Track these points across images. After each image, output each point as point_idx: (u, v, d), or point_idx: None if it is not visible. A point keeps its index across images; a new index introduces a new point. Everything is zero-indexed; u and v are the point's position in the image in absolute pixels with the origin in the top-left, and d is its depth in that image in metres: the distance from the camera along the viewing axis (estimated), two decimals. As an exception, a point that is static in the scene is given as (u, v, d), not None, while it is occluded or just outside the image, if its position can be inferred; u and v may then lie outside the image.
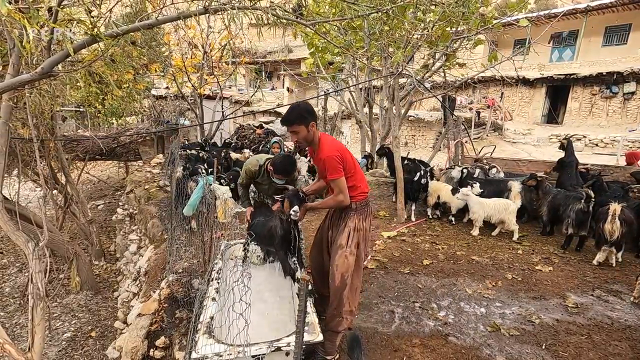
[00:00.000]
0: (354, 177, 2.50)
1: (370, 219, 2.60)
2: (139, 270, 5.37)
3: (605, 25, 16.46)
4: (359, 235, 2.50)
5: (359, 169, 2.60)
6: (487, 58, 6.00)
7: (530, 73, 16.70)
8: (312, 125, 2.37)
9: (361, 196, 2.52)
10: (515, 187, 5.03)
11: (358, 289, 2.62)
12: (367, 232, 2.58)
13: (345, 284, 2.45)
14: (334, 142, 2.53)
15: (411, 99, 6.70)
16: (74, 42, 1.54)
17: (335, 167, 2.37)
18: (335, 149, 2.42)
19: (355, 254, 2.49)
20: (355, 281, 2.55)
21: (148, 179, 8.08)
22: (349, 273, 2.46)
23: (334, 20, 2.22)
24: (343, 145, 2.58)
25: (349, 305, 2.50)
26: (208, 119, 10.27)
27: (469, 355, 2.65)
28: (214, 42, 9.31)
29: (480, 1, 5.42)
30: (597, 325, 3.02)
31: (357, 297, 2.61)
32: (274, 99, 20.68)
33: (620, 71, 14.07)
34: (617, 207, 3.84)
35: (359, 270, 2.56)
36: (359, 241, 2.51)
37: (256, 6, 1.65)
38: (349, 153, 2.53)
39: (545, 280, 3.81)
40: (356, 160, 2.62)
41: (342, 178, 2.41)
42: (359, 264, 2.55)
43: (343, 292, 2.45)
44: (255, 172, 3.44)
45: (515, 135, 14.53)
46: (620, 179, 5.60)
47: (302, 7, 2.02)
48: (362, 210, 2.52)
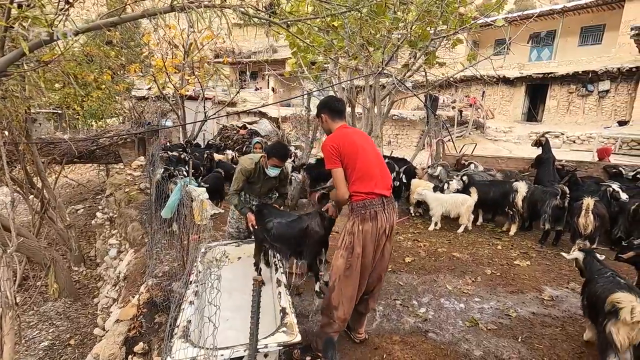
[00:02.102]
0: (354, 173, 2.33)
1: (374, 224, 2.30)
2: (119, 275, 5.25)
3: (581, 26, 16.96)
4: (352, 238, 2.33)
5: (368, 166, 2.35)
6: (466, 57, 6.09)
7: (510, 72, 17.07)
8: (323, 117, 2.51)
9: (359, 197, 2.33)
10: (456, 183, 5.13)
11: (352, 299, 2.41)
12: (368, 237, 2.31)
13: (334, 287, 2.40)
14: (341, 132, 2.45)
15: (393, 99, 6.75)
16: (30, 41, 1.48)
17: (328, 156, 2.36)
18: (333, 139, 2.40)
19: (346, 257, 2.34)
20: (347, 288, 2.37)
21: (129, 182, 7.91)
22: (337, 276, 2.38)
23: (306, 19, 2.21)
24: (352, 137, 2.40)
25: (342, 311, 2.39)
26: (191, 120, 10.13)
27: (447, 350, 2.68)
28: (195, 42, 9.18)
29: (458, 1, 5.50)
30: (571, 317, 3.10)
31: (351, 305, 2.42)
32: (259, 100, 20.56)
33: (595, 70, 14.51)
34: (591, 201, 3.96)
35: (351, 277, 2.35)
36: (353, 245, 2.32)
37: (224, 4, 1.63)
38: (360, 149, 2.34)
39: (522, 275, 3.89)
40: (372, 156, 2.40)
41: (337, 169, 2.35)
42: (352, 270, 2.34)
43: (332, 294, 2.41)
44: (252, 170, 3.29)
45: (497, 133, 14.83)
46: (594, 174, 5.78)
47: (275, 6, 1.99)
48: (358, 211, 2.32)
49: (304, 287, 3.66)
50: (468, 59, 6.06)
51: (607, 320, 2.22)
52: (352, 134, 2.45)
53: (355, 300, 2.45)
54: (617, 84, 14.28)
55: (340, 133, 2.45)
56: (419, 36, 5.58)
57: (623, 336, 2.12)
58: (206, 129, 11.22)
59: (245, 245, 3.72)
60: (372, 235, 2.31)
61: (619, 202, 4.53)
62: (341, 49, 5.74)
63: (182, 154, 7.13)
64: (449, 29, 5.61)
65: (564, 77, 15.41)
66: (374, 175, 2.36)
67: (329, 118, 2.51)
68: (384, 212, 2.34)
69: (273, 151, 3.13)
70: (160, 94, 9.50)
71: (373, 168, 2.38)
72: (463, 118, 14.66)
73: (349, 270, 2.35)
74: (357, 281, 2.38)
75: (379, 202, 2.34)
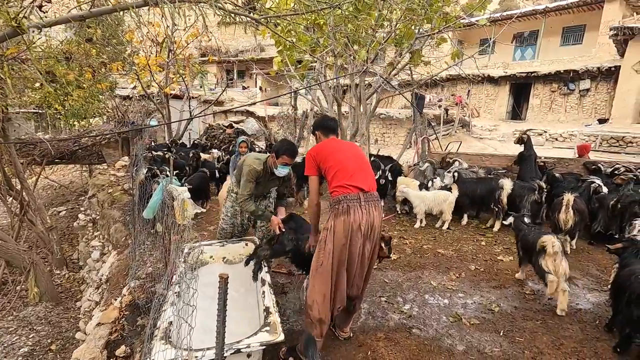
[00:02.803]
0: (331, 171, 2.41)
1: (345, 219, 2.26)
2: (102, 277, 5.14)
3: (562, 26, 17.31)
4: (325, 234, 2.33)
5: (344, 162, 2.40)
6: (450, 56, 6.15)
7: (495, 71, 17.32)
8: (318, 134, 2.77)
9: (335, 192, 2.34)
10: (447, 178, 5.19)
11: (327, 298, 2.32)
12: (340, 234, 2.27)
13: (308, 285, 2.45)
14: (323, 143, 2.64)
15: (379, 97, 6.78)
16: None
17: (308, 164, 2.56)
18: (314, 148, 2.61)
19: (318, 253, 2.34)
20: (321, 286, 2.31)
21: (112, 183, 7.75)
22: (312, 271, 2.39)
23: (286, 16, 2.19)
24: (331, 146, 2.54)
25: (317, 310, 2.31)
26: (176, 119, 9.97)
27: (431, 346, 2.70)
28: (180, 39, 9.04)
29: (442, 1, 5.55)
30: (551, 310, 3.16)
31: (326, 306, 2.32)
32: (246, 99, 20.40)
33: (576, 69, 14.84)
34: (570, 197, 4.05)
35: (324, 274, 2.30)
36: (326, 241, 2.30)
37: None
38: (336, 150, 2.48)
39: (505, 270, 3.95)
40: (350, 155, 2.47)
41: (312, 177, 2.53)
42: (324, 267, 2.30)
43: (308, 290, 2.43)
44: (260, 171, 3.18)
45: (482, 131, 15.04)
46: (574, 171, 5.92)
47: (255, 2, 1.98)
48: (333, 207, 2.34)
49: (289, 286, 3.66)
50: (452, 58, 6.12)
51: (539, 257, 3.14)
52: (332, 141, 2.64)
53: (332, 301, 2.36)
54: (597, 83, 14.64)
55: (322, 143, 2.65)
56: (403, 35, 5.62)
57: (551, 264, 3.06)
58: (192, 129, 11.07)
59: (230, 245, 3.68)
60: (345, 230, 2.25)
61: (598, 197, 4.66)
62: (326, 48, 5.74)
63: (167, 153, 7.02)
64: (433, 27, 5.66)
65: (547, 76, 15.72)
66: (348, 169, 2.38)
67: (322, 135, 2.74)
68: (359, 207, 2.28)
69: (283, 149, 3.07)
70: (145, 92, 9.33)
71: (349, 162, 2.42)
72: (449, 116, 14.82)
73: (321, 267, 2.31)
74: (329, 279, 2.30)
75: (354, 197, 2.29)
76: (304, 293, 3.06)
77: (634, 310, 2.31)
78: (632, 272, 2.44)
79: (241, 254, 3.67)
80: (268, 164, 3.20)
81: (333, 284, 2.33)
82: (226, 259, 3.69)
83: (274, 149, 3.15)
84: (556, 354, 2.60)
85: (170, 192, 3.22)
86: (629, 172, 5.35)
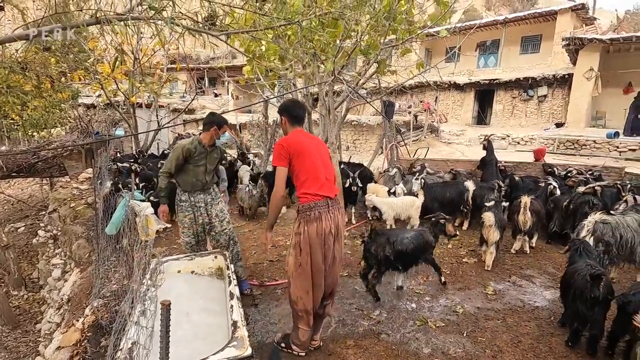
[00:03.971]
0: (302, 174, 2.49)
1: (317, 225, 2.44)
2: (63, 297, 4.90)
3: (521, 36, 18.34)
4: (299, 238, 2.49)
5: (316, 169, 2.50)
6: (415, 66, 6.38)
7: (460, 78, 18.07)
8: (283, 119, 2.68)
9: (306, 198, 2.48)
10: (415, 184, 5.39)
11: (309, 292, 2.56)
12: (314, 239, 2.45)
13: (290, 283, 2.62)
14: (294, 135, 2.60)
15: (348, 106, 6.90)
16: None
17: (277, 154, 2.51)
18: (285, 139, 2.57)
19: (295, 256, 2.53)
20: (302, 283, 2.54)
21: (75, 196, 7.41)
22: (291, 272, 2.58)
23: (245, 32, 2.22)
24: (303, 140, 2.55)
25: (302, 304, 2.57)
26: (144, 129, 9.69)
27: (398, 350, 2.78)
28: (146, 48, 8.84)
29: (405, 13, 5.76)
30: (511, 309, 3.33)
31: (309, 298, 2.58)
32: (218, 107, 20.13)
33: (534, 76, 15.74)
34: (527, 199, 4.29)
35: (304, 274, 2.53)
36: (301, 245, 2.48)
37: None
38: (306, 148, 2.51)
39: (470, 272, 4.12)
40: (319, 159, 2.55)
41: (282, 168, 2.49)
42: (303, 268, 2.51)
43: (290, 288, 2.62)
44: (193, 149, 3.24)
45: (450, 136, 15.59)
46: (532, 174, 6.27)
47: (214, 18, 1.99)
48: (304, 213, 2.48)
49: (260, 298, 3.64)
50: (417, 67, 6.35)
51: (482, 227, 4.11)
52: (304, 138, 2.61)
53: (313, 295, 2.59)
54: (553, 90, 15.58)
55: (294, 135, 2.61)
56: (369, 45, 5.77)
57: (487, 234, 4.04)
58: (160, 138, 10.78)
59: (199, 259, 3.62)
60: (318, 236, 2.46)
61: (553, 199, 4.95)
62: (295, 58, 5.80)
63: (133, 165, 6.82)
64: (398, 38, 5.86)
65: (508, 83, 16.56)
66: (319, 178, 2.52)
67: (288, 122, 2.68)
68: (328, 213, 2.49)
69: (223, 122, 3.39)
70: (109, 101, 9.02)
71: (320, 171, 2.54)
72: (418, 122, 15.27)
73: (300, 268, 2.53)
74: (309, 278, 2.54)
75: (323, 204, 2.49)
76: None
77: (579, 305, 2.48)
78: (576, 269, 2.63)
79: (210, 267, 3.61)
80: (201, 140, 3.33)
81: (312, 282, 2.57)
82: (195, 272, 3.63)
83: (214, 123, 3.34)
84: (514, 351, 2.74)
85: (133, 208, 3.14)
86: (580, 174, 5.73)
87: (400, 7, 5.48)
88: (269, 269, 4.32)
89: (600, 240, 3.48)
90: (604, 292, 2.40)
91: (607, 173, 6.29)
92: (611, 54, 13.62)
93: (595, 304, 2.43)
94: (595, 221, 3.60)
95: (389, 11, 5.23)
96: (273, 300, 3.55)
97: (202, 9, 2.04)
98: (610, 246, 3.48)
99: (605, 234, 3.52)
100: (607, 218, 3.64)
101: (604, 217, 3.65)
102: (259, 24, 2.17)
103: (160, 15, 1.64)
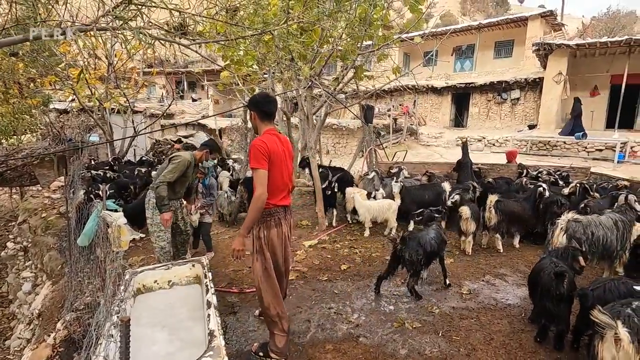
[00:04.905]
0: (271, 182, 2.46)
1: (277, 231, 2.60)
2: (34, 312, 4.71)
3: (495, 41, 18.99)
4: (260, 243, 2.59)
5: (282, 179, 2.58)
6: (392, 71, 6.51)
7: (438, 82, 18.52)
8: (253, 114, 2.61)
9: (267, 206, 2.51)
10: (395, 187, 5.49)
11: (278, 294, 2.67)
12: (274, 242, 2.60)
13: (260, 289, 2.65)
14: (270, 137, 2.52)
15: (327, 110, 6.97)
16: None
17: (255, 154, 2.39)
18: (264, 139, 2.45)
19: (261, 261, 2.61)
20: (271, 286, 2.63)
21: (46, 206, 7.15)
22: (259, 277, 2.63)
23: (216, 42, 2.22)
24: (278, 147, 2.51)
25: (272, 308, 2.62)
26: (120, 135, 9.45)
27: (376, 352, 2.82)
28: (121, 52, 8.64)
29: (380, 19, 5.88)
30: (485, 308, 3.43)
31: (279, 301, 2.67)
32: (197, 112, 19.85)
33: (507, 80, 16.32)
34: (493, 198, 4.50)
35: (270, 277, 2.62)
36: (263, 250, 2.58)
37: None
38: (280, 156, 2.52)
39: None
40: (285, 168, 2.61)
41: (261, 170, 2.39)
42: (268, 271, 2.62)
43: (262, 295, 2.65)
44: (190, 163, 3.65)
45: (429, 139, 15.94)
46: (505, 175, 6.49)
47: (185, 27, 1.99)
48: (264, 219, 2.56)
49: (239, 305, 3.61)
50: (393, 72, 6.49)
51: (460, 220, 4.59)
52: (276, 142, 2.54)
53: (279, 298, 2.70)
54: (526, 93, 16.19)
55: (269, 139, 2.50)
56: (346, 51, 5.86)
57: (465, 226, 4.54)
58: (137, 144, 10.53)
59: (176, 268, 3.57)
60: (279, 239, 2.63)
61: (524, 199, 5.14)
62: (274, 63, 5.83)
63: (108, 172, 6.64)
64: (375, 44, 5.98)
65: (483, 87, 17.10)
66: (282, 190, 2.65)
67: (258, 117, 2.61)
68: (284, 219, 2.68)
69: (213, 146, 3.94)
70: (82, 107, 8.75)
71: (284, 181, 2.63)
72: (398, 125, 15.54)
73: (266, 271, 2.62)
74: (275, 280, 2.65)
75: (281, 211, 2.65)
76: None
77: (545, 302, 2.60)
78: (542, 267, 2.74)
79: (188, 276, 3.57)
80: (196, 158, 3.78)
81: (278, 284, 2.69)
82: (172, 282, 3.57)
83: (209, 147, 3.89)
84: (487, 349, 2.83)
85: (104, 219, 3.07)
86: (549, 175, 5.98)
87: (375, 14, 5.60)
88: (249, 275, 4.29)
89: (572, 238, 3.64)
90: (568, 289, 2.53)
91: (575, 173, 6.60)
92: (578, 59, 14.29)
93: (560, 300, 2.55)
94: (567, 220, 3.76)
95: (364, 18, 5.34)
96: (252, 307, 3.53)
97: (172, 18, 2.03)
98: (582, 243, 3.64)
99: (576, 232, 3.68)
100: (578, 217, 3.81)
101: (576, 216, 3.82)
102: (230, 34, 2.19)
103: (128, 26, 1.62)
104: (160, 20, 2.08)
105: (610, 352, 2.03)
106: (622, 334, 1.94)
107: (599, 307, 2.04)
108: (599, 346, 2.07)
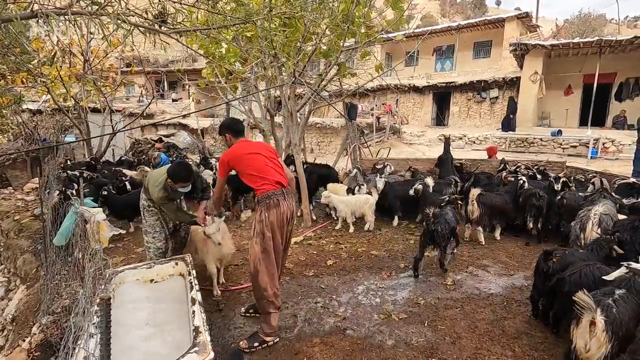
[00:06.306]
0: (250, 170, 2.81)
1: (277, 211, 2.75)
2: (7, 317, 4.50)
3: (473, 41, 19.42)
4: (261, 225, 2.74)
5: (262, 165, 2.83)
6: (374, 68, 6.56)
7: (419, 81, 18.79)
8: (227, 136, 3.03)
9: (262, 189, 2.76)
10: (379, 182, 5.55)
11: (275, 275, 2.83)
12: (274, 223, 2.75)
13: (258, 270, 2.76)
14: (236, 147, 2.93)
15: (311, 108, 6.96)
16: None
17: (221, 168, 2.97)
18: (227, 154, 2.92)
19: (260, 243, 2.74)
20: (268, 267, 2.77)
21: (19, 208, 6.87)
22: (257, 259, 2.75)
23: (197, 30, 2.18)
24: (243, 149, 2.88)
25: (270, 288, 2.77)
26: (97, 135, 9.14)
27: (363, 344, 2.83)
28: (98, 49, 8.38)
29: (363, 17, 5.91)
30: (469, 297, 3.50)
31: (275, 281, 2.83)
32: (178, 111, 19.47)
33: (486, 80, 16.73)
34: (476, 191, 4.60)
35: (269, 257, 2.77)
36: (263, 231, 2.73)
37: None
38: (251, 154, 2.85)
39: (431, 264, 4.27)
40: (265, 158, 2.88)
41: (221, 179, 3.05)
42: (268, 251, 2.76)
43: (258, 277, 2.76)
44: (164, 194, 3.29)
45: (412, 137, 16.15)
46: (486, 170, 6.66)
47: (165, 15, 1.94)
48: (264, 202, 2.75)
49: (225, 303, 3.56)
50: (376, 70, 6.54)
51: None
52: (245, 145, 2.93)
53: (276, 278, 2.86)
54: (504, 92, 16.62)
55: (236, 146, 2.93)
56: (329, 48, 5.87)
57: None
58: (115, 144, 10.24)
59: (159, 266, 3.48)
60: (278, 221, 2.76)
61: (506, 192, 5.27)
62: (256, 59, 5.77)
63: (85, 172, 6.42)
64: (357, 42, 6.01)
65: (463, 86, 17.46)
66: (268, 171, 2.83)
67: (232, 137, 3.01)
68: (285, 200, 2.80)
69: (177, 177, 3.16)
70: (57, 106, 8.44)
71: (269, 165, 2.86)
72: (381, 124, 15.68)
73: (265, 252, 2.75)
74: (274, 261, 2.80)
75: (279, 192, 2.79)
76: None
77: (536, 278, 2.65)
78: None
79: (171, 274, 3.49)
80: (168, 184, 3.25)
81: (275, 265, 2.83)
82: (154, 280, 3.49)
83: (169, 174, 3.21)
84: (472, 337, 2.89)
85: (82, 214, 2.97)
86: (528, 169, 6.16)
87: (358, 11, 5.62)
88: (234, 272, 4.24)
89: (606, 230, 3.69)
90: (554, 267, 2.60)
91: (551, 167, 6.83)
92: (553, 59, 14.78)
93: (547, 277, 2.62)
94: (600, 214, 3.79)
95: (347, 14, 5.36)
96: (237, 304, 3.49)
97: (152, 6, 1.98)
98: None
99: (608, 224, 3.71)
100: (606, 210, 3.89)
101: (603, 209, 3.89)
102: (213, 23, 2.15)
103: (105, 11, 1.57)
104: (139, 7, 2.03)
105: (584, 337, 2.09)
106: (598, 320, 2.00)
107: (584, 290, 2.10)
108: (574, 331, 2.14)
